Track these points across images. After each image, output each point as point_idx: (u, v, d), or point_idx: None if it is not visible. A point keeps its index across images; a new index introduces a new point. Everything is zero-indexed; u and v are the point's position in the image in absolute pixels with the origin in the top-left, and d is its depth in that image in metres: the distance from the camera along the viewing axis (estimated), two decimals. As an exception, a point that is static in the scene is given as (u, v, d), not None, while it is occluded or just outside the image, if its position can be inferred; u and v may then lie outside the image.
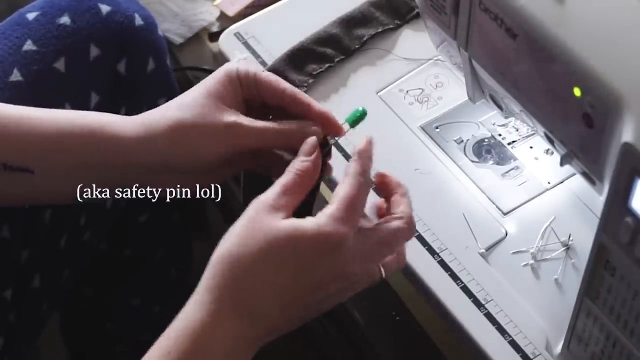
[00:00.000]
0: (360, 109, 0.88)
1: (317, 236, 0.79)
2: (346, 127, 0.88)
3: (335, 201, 0.81)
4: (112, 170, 0.88)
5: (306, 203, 0.84)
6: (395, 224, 0.83)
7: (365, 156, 0.84)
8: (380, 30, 1.10)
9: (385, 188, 0.87)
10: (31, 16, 1.03)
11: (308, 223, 0.80)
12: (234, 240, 0.80)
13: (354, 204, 0.81)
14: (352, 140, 1.03)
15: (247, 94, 0.89)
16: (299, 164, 0.84)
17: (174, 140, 0.87)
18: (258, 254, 0.79)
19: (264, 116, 0.90)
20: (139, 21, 1.07)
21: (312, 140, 0.86)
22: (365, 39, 1.09)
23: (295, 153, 0.86)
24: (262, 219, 0.80)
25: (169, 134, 0.87)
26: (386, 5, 1.11)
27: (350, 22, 1.10)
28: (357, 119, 0.88)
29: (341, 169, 1.01)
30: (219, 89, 0.88)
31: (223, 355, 0.78)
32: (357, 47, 1.09)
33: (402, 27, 1.11)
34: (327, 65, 1.07)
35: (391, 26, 1.10)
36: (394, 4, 1.11)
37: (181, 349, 0.78)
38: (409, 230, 0.83)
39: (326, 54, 1.07)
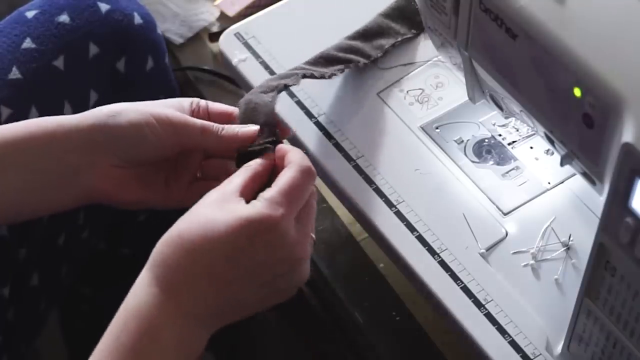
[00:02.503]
0: None
1: (251, 218, 0.81)
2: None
3: (275, 185, 0.83)
4: (52, 162, 0.90)
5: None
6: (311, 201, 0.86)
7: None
8: (399, 39, 1.09)
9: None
10: (30, 14, 1.04)
11: (244, 207, 0.81)
12: (178, 224, 0.82)
13: (293, 190, 0.83)
14: (353, 140, 1.04)
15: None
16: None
17: (115, 124, 0.89)
18: (196, 238, 0.80)
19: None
20: (137, 20, 1.07)
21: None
22: (386, 47, 1.08)
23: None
24: (206, 207, 0.82)
25: (109, 119, 0.89)
26: (399, 15, 1.10)
27: (368, 34, 1.09)
28: None
29: (341, 169, 1.02)
30: (171, 104, 0.93)
31: (172, 337, 0.80)
32: (379, 55, 1.08)
33: (420, 35, 1.10)
34: (350, 64, 1.06)
35: (409, 35, 1.10)
36: (405, 13, 1.10)
37: (129, 330, 0.79)
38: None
39: (350, 58, 1.06)
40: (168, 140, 0.90)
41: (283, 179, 0.84)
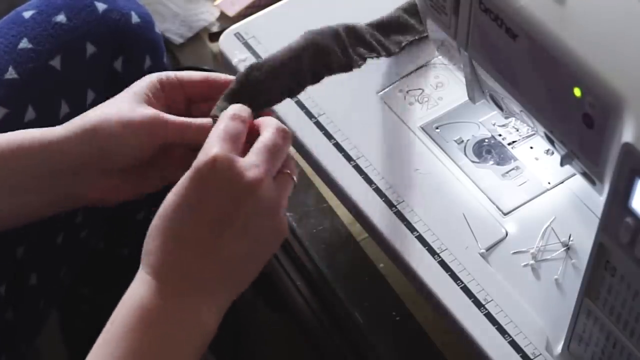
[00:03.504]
0: None
1: (195, 166, 0.81)
2: None
3: (253, 149, 0.83)
4: (41, 178, 0.90)
5: None
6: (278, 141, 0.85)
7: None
8: (417, 37, 1.08)
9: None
10: (27, 14, 1.04)
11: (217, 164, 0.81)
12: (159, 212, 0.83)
13: (270, 150, 0.83)
14: (353, 140, 1.03)
15: (170, 98, 0.93)
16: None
17: (97, 136, 0.89)
18: (161, 216, 0.82)
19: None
20: (135, 19, 1.07)
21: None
22: (403, 44, 1.07)
23: None
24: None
25: (91, 131, 0.89)
26: (417, 12, 1.09)
27: (387, 27, 1.08)
28: None
29: (341, 168, 1.02)
30: (143, 92, 0.92)
31: (177, 319, 0.80)
32: (396, 51, 1.07)
33: None
34: (374, 55, 1.05)
35: (426, 34, 1.09)
36: None
37: (132, 325, 0.81)
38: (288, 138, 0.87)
39: (375, 47, 1.05)
40: (147, 146, 0.90)
41: (260, 140, 0.84)
